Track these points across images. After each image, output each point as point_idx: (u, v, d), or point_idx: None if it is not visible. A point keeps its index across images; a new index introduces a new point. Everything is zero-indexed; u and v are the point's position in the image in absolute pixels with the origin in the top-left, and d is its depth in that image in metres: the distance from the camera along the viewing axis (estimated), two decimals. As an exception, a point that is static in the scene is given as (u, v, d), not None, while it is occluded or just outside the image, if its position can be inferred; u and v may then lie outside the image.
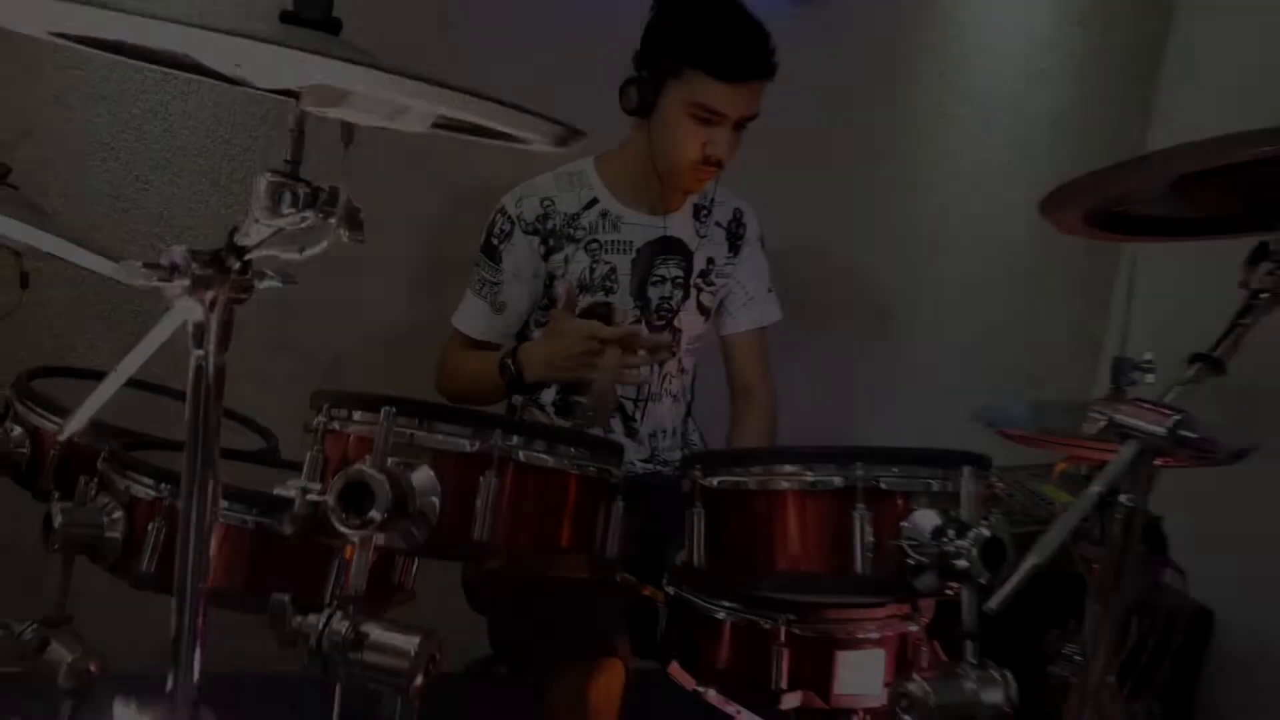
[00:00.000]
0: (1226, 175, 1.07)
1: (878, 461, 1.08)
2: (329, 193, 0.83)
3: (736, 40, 1.69)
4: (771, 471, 1.12)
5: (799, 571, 1.11)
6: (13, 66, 2.11)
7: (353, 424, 1.06)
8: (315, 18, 0.78)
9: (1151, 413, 1.03)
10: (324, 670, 0.95)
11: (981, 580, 1.03)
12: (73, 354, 2.19)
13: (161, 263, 0.86)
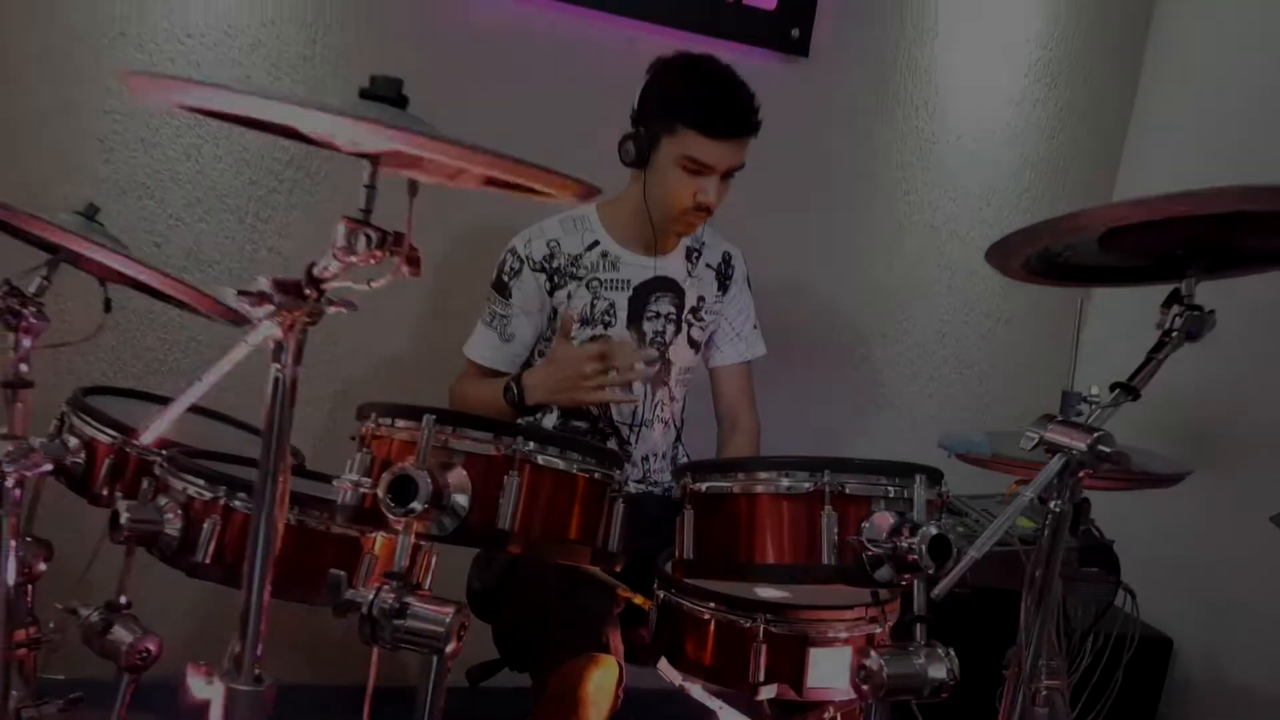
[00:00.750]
0: (1143, 231, 1.29)
1: (843, 470, 1.29)
2: (395, 236, 1.04)
3: (724, 101, 1.92)
4: (752, 477, 1.33)
5: (774, 564, 1.32)
6: (54, 110, 2.33)
7: (397, 430, 1.26)
8: (390, 96, 0.99)
9: (1075, 431, 1.24)
10: (372, 635, 1.15)
11: (930, 571, 1.23)
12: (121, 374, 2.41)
13: (252, 290, 1.06)
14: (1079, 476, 1.24)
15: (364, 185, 1.05)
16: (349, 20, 2.46)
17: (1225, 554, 2.61)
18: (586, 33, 2.59)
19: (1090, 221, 1.19)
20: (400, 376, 2.60)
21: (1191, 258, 1.29)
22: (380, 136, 0.94)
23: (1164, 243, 1.31)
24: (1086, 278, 1.44)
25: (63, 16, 2.31)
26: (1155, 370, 1.28)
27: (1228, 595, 2.63)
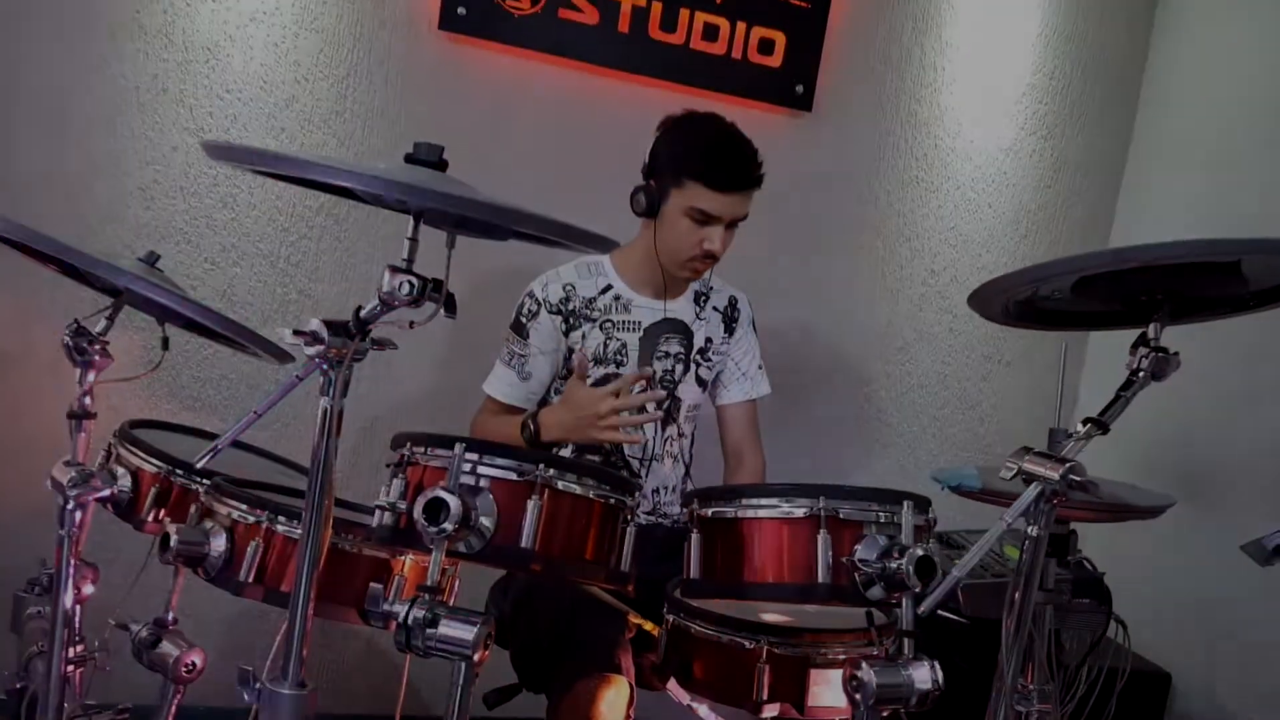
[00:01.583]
0: (1111, 279, 1.43)
1: (837, 497, 1.42)
2: (434, 283, 1.18)
3: (728, 157, 2.07)
4: (753, 504, 1.46)
5: (773, 583, 1.44)
6: (102, 160, 2.50)
7: (430, 457, 1.40)
8: (432, 160, 1.14)
9: (1049, 462, 1.37)
10: (407, 643, 1.28)
11: (916, 590, 1.35)
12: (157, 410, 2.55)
13: (305, 330, 1.21)
14: (1054, 504, 1.36)
15: (407, 239, 1.19)
16: (377, 76, 2.63)
17: (1223, 588, 2.69)
18: (601, 90, 2.77)
19: (1050, 272, 1.33)
20: (422, 413, 2.74)
21: (1157, 304, 1.42)
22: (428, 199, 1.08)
23: (1131, 290, 1.44)
24: (1062, 322, 1.57)
25: (113, 76, 2.48)
26: (1124, 407, 1.41)
27: (1226, 629, 2.71)
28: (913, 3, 3.00)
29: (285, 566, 1.58)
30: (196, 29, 2.52)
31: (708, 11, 2.78)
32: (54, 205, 2.48)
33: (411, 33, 2.64)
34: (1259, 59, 2.83)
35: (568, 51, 2.71)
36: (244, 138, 2.57)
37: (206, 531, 1.60)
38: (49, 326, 2.44)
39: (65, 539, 1.56)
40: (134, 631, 1.60)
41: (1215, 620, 2.74)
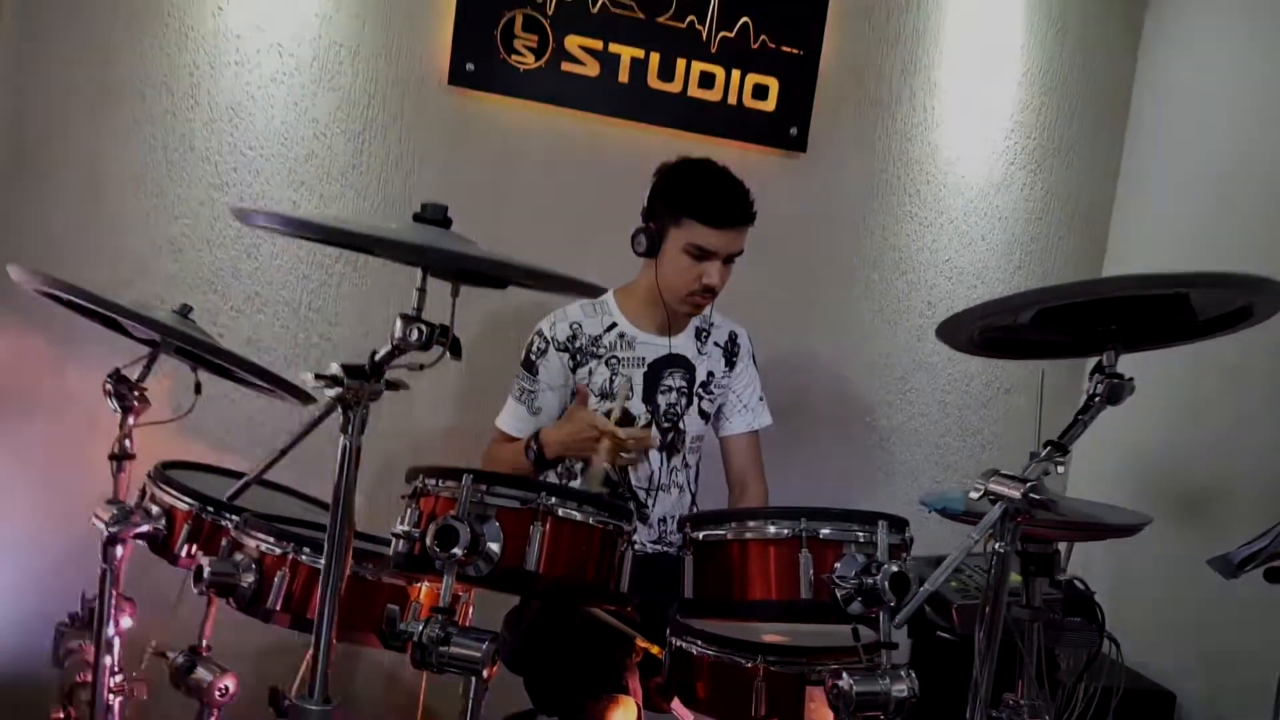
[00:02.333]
0: (1068, 311, 1.55)
1: (818, 518, 1.54)
2: (441, 329, 1.31)
3: (722, 195, 2.21)
4: (742, 526, 1.58)
5: (761, 599, 1.56)
6: (134, 216, 2.66)
7: (441, 488, 1.53)
8: (438, 219, 1.28)
9: (1012, 482, 1.48)
10: (422, 660, 1.40)
11: (891, 604, 1.47)
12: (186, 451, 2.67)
13: (325, 373, 1.34)
14: (1018, 522, 1.48)
15: (416, 289, 1.33)
16: (391, 130, 2.80)
17: (1227, 607, 2.75)
18: (602, 137, 2.92)
19: (1008, 307, 1.45)
20: (437, 448, 2.87)
21: (1111, 334, 1.54)
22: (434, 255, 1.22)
23: (1087, 320, 1.56)
24: (1024, 352, 1.69)
25: (144, 137, 2.65)
26: (1083, 430, 1.53)
27: (1229, 649, 2.77)
28: (901, 47, 3.14)
29: (310, 595, 1.70)
30: (221, 90, 2.69)
31: (703, 60, 2.93)
32: (88, 259, 2.65)
33: (423, 89, 2.80)
34: (1241, 91, 2.94)
35: (570, 102, 2.87)
36: (266, 191, 2.73)
37: (237, 563, 1.73)
38: (85, 372, 2.58)
39: (108, 573, 1.70)
40: (171, 659, 1.73)
41: (1219, 640, 2.80)
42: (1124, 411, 2.91)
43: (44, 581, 2.59)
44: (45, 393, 2.65)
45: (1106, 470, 3.21)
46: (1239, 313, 1.51)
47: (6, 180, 2.59)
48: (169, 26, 2.65)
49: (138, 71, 2.65)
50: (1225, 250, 2.91)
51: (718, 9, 2.92)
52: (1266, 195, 2.78)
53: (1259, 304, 1.48)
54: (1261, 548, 1.70)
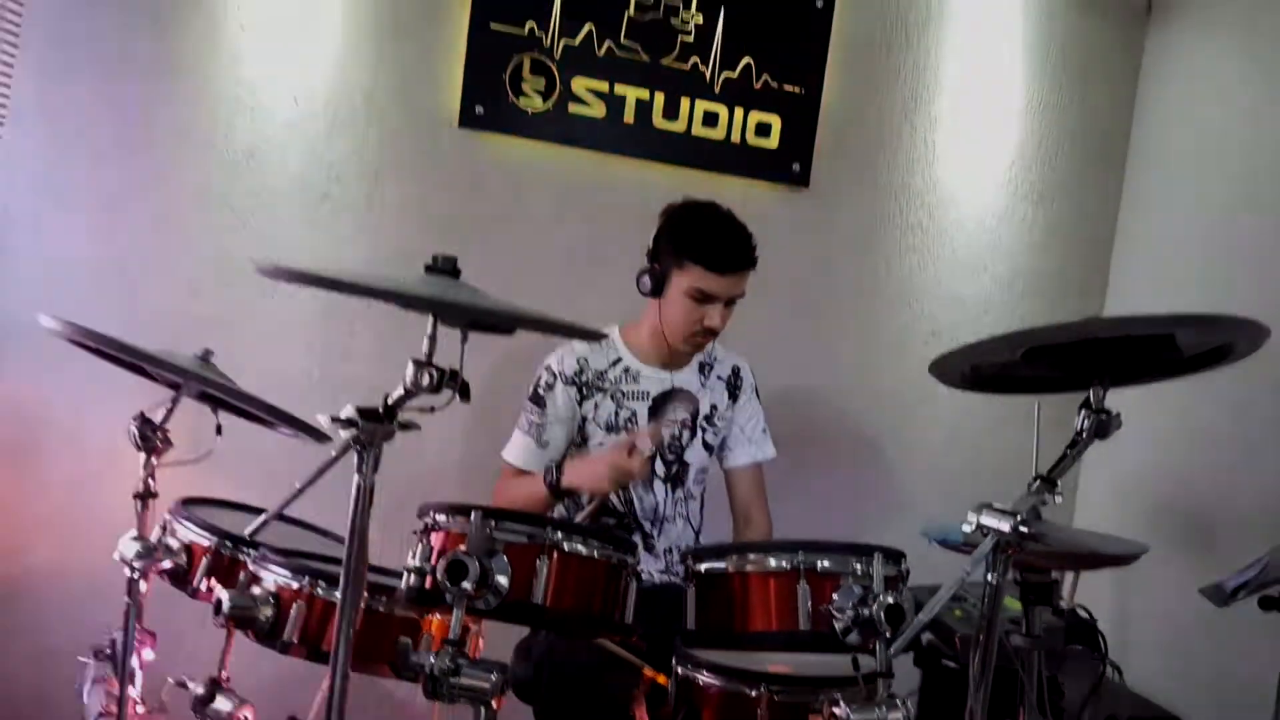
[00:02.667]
0: (1058, 349, 1.62)
1: (815, 551, 1.60)
2: (450, 373, 1.38)
3: (726, 241, 2.28)
4: (741, 559, 1.64)
5: (761, 631, 1.61)
6: (154, 259, 2.76)
7: (451, 523, 1.59)
8: (447, 269, 1.36)
9: (1002, 516, 1.54)
10: (433, 690, 1.46)
11: (887, 634, 1.52)
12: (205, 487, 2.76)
13: (341, 416, 1.41)
14: (1009, 553, 1.53)
15: (426, 336, 1.40)
16: (403, 172, 2.89)
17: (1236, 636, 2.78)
18: (609, 176, 3.00)
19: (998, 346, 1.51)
20: (451, 483, 2.93)
21: (1098, 370, 1.60)
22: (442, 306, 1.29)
23: (1075, 357, 1.62)
24: (1015, 388, 1.75)
25: (164, 182, 2.75)
26: (1071, 464, 1.59)
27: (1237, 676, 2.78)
28: (901, 83, 3.22)
29: (326, 627, 1.77)
30: (237, 136, 2.79)
31: (707, 100, 3.02)
32: (109, 301, 2.73)
33: (434, 131, 2.90)
34: (1241, 120, 3.00)
35: (578, 142, 2.96)
36: (282, 233, 2.82)
37: (255, 597, 1.80)
38: (106, 411, 2.64)
39: (131, 607, 1.77)
40: (191, 690, 1.79)
41: (1226, 667, 2.82)
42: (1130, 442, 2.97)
43: (68, 615, 2.66)
44: (70, 431, 2.74)
45: (1114, 500, 3.26)
46: (1220, 350, 1.57)
47: (33, 225, 2.69)
48: (186, 74, 2.75)
49: (155, 117, 2.75)
50: (1226, 280, 2.96)
51: (720, 50, 3.01)
52: (1266, 224, 2.84)
53: (1239, 343, 1.54)
54: (1252, 576, 1.74)
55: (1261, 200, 2.88)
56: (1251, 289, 2.86)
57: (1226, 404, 2.87)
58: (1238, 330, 1.51)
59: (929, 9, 3.22)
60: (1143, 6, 3.39)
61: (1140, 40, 3.40)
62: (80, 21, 2.68)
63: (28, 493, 2.74)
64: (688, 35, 3.00)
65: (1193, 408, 2.96)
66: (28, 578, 2.74)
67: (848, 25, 3.14)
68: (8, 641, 2.75)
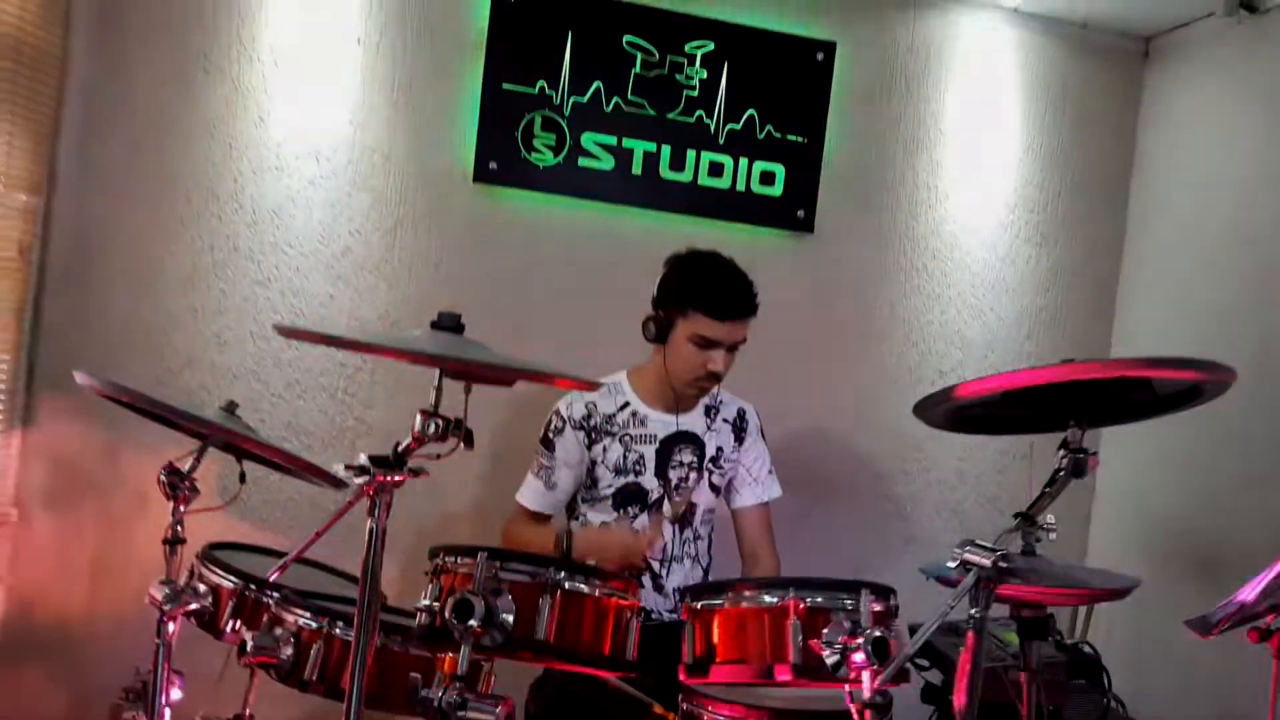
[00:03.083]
0: (1037, 391, 1.70)
1: (805, 588, 1.68)
2: (455, 422, 1.49)
3: (727, 290, 2.38)
4: (736, 596, 1.73)
5: (755, 663, 1.70)
6: (183, 312, 2.89)
7: (459, 565, 1.69)
8: (451, 326, 1.46)
9: (983, 552, 1.62)
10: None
11: (875, 666, 1.60)
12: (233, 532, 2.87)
13: (354, 464, 1.52)
14: (990, 588, 1.61)
15: (433, 387, 1.51)
16: (421, 226, 3.02)
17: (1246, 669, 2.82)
18: (618, 225, 3.13)
19: (976, 390, 1.60)
20: (465, 524, 3.04)
21: (1075, 411, 1.68)
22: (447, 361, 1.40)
23: (1053, 399, 1.71)
24: (994, 428, 1.84)
25: (191, 238, 2.90)
26: (1049, 502, 1.66)
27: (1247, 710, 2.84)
28: (903, 129, 3.33)
29: (344, 666, 1.85)
30: (263, 194, 2.93)
31: (712, 151, 3.14)
32: (141, 352, 2.87)
33: (450, 186, 3.03)
34: (1239, 161, 3.09)
35: (587, 194, 3.08)
36: (306, 286, 2.95)
37: (277, 637, 1.90)
38: (136, 461, 2.80)
39: (161, 648, 1.87)
40: (216, 725, 1.89)
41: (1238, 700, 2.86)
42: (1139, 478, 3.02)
43: (100, 656, 2.78)
44: (103, 480, 2.86)
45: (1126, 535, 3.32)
46: (1191, 391, 1.65)
47: (68, 280, 2.83)
48: (215, 137, 2.90)
49: (186, 178, 2.90)
50: (1227, 317, 3.03)
51: (724, 104, 3.13)
52: (1264, 262, 2.91)
53: (1209, 385, 1.62)
54: (1235, 609, 1.80)
55: (1260, 238, 2.95)
56: (1251, 325, 2.92)
57: (1231, 440, 2.93)
58: (1209, 371, 1.59)
59: (927, 58, 3.34)
60: (1140, 51, 3.49)
61: (1139, 84, 3.50)
62: (115, 85, 2.84)
63: (63, 539, 2.86)
64: (692, 90, 3.12)
65: (1198, 444, 3.02)
66: (63, 621, 2.86)
67: (847, 76, 3.26)
68: (44, 681, 2.86)
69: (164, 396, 2.29)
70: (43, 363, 2.81)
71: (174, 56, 2.87)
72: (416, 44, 3.01)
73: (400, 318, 3.02)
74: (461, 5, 3.03)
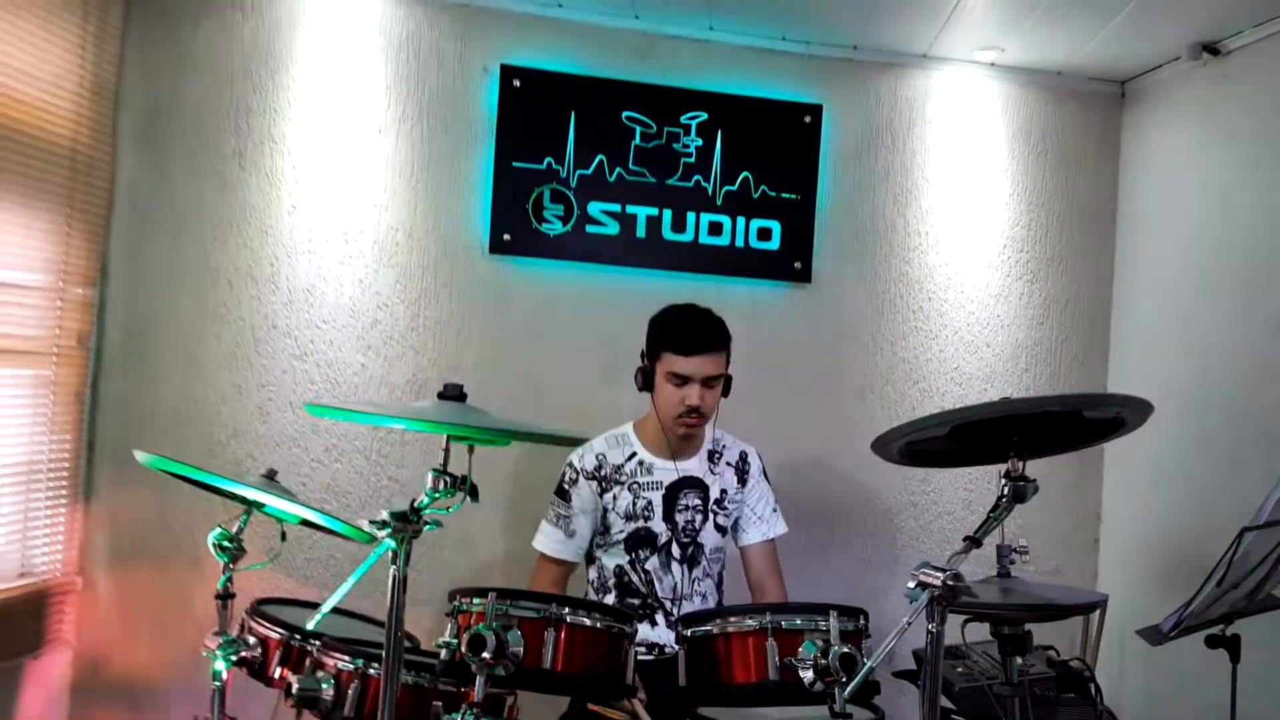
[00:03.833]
0: (980, 426, 1.92)
1: (780, 612, 1.91)
2: (462, 478, 1.74)
3: (689, 327, 2.63)
4: (722, 624, 1.96)
5: (740, 683, 1.92)
6: (227, 387, 3.19)
7: (473, 605, 1.93)
8: (455, 395, 1.73)
9: (935, 573, 1.83)
10: (462, 746, 1.79)
11: (843, 679, 1.82)
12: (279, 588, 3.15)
13: (377, 519, 1.77)
14: (944, 605, 1.82)
15: (441, 449, 1.77)
16: (442, 296, 3.31)
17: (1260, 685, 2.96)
18: (624, 286, 3.38)
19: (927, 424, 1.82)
20: (497, 571, 3.28)
21: (1014, 444, 1.90)
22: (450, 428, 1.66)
23: (996, 433, 1.93)
24: (944, 461, 2.06)
25: (233, 319, 3.20)
26: (995, 526, 1.88)
27: None
28: (891, 181, 3.58)
29: (379, 702, 2.10)
30: (297, 275, 3.24)
31: (710, 212, 3.40)
32: (189, 427, 3.17)
33: (468, 259, 3.32)
34: (1216, 194, 3.28)
35: (595, 258, 3.36)
36: (339, 357, 3.24)
37: (318, 679, 2.14)
38: (189, 526, 3.09)
39: (217, 694, 2.13)
40: (269, 761, 2.14)
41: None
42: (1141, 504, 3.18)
43: (162, 706, 3.05)
44: (158, 545, 3.15)
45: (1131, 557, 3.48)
46: (1114, 421, 1.86)
47: (123, 363, 3.14)
48: (250, 225, 3.22)
49: (226, 264, 3.21)
50: (1214, 334, 3.20)
51: (720, 167, 3.40)
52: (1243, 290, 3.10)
53: (1129, 415, 1.84)
54: (1182, 616, 1.99)
55: (1235, 266, 3.14)
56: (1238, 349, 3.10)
57: (1224, 461, 3.09)
58: (1128, 406, 1.81)
59: (911, 114, 3.59)
60: (1117, 94, 3.71)
61: (1117, 124, 3.72)
62: (159, 186, 3.17)
63: (125, 601, 3.15)
64: (689, 157, 3.40)
65: (1196, 469, 3.19)
66: (127, 677, 3.14)
67: (835, 135, 3.52)
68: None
69: (213, 466, 2.60)
70: (102, 439, 3.12)
71: (211, 157, 3.20)
72: (432, 130, 3.32)
73: (428, 380, 3.30)
74: (471, 92, 3.33)
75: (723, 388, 2.68)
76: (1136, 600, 3.33)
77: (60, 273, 2.95)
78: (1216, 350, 3.21)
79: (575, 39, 3.39)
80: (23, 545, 2.89)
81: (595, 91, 3.36)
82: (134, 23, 3.15)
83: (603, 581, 2.76)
